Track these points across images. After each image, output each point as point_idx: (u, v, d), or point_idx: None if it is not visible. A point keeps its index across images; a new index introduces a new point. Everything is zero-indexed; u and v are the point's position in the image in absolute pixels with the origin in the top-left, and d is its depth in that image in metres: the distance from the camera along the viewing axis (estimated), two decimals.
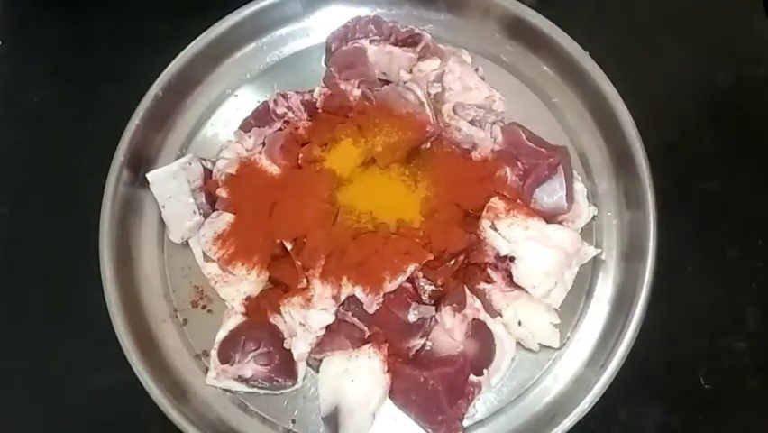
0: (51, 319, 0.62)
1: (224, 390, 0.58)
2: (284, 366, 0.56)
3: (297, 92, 0.63)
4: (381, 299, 0.54)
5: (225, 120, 0.65)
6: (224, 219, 0.58)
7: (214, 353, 0.57)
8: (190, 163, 0.61)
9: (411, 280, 0.56)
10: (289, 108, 0.62)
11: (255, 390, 0.57)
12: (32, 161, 0.67)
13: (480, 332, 0.56)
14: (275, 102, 0.62)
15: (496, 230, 0.57)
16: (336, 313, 0.55)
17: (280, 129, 0.62)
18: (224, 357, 0.56)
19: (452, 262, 0.57)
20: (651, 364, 0.59)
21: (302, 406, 0.58)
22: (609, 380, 0.54)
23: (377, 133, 0.58)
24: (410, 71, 0.62)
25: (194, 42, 0.63)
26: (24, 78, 0.70)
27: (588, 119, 0.63)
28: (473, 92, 0.62)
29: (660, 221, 0.57)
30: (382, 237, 0.56)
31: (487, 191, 0.58)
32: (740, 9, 0.70)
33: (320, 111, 0.62)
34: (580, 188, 0.61)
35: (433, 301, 0.57)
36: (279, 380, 0.56)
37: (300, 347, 0.55)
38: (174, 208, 0.60)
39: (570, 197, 0.59)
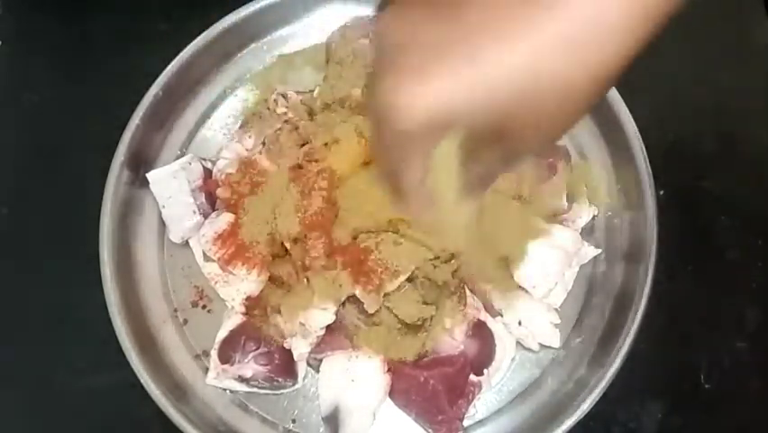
0: (51, 319, 0.62)
1: (224, 390, 0.58)
2: (284, 366, 0.56)
3: (297, 92, 0.63)
4: (381, 299, 0.54)
5: (225, 120, 0.66)
6: (224, 219, 0.58)
7: (214, 353, 0.57)
8: (190, 163, 0.61)
9: (411, 279, 0.56)
10: (289, 108, 0.62)
11: (255, 390, 0.57)
12: (32, 161, 0.67)
13: (479, 332, 0.56)
14: (275, 102, 0.62)
15: None
16: (336, 313, 0.55)
17: (280, 129, 0.62)
18: (225, 357, 0.56)
19: (453, 261, 0.57)
20: (651, 364, 0.59)
21: (302, 406, 0.58)
22: (609, 380, 0.54)
23: None
24: None
25: (194, 42, 0.62)
26: (24, 78, 0.70)
27: (588, 119, 0.63)
28: None
29: (660, 221, 0.57)
30: (382, 237, 0.56)
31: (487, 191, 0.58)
32: (740, 9, 0.70)
33: (320, 111, 0.62)
34: (580, 188, 0.61)
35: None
36: (279, 380, 0.56)
37: (300, 347, 0.55)
38: (174, 208, 0.60)
39: (570, 197, 0.59)
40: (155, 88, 0.61)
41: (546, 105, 0.28)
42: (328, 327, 0.55)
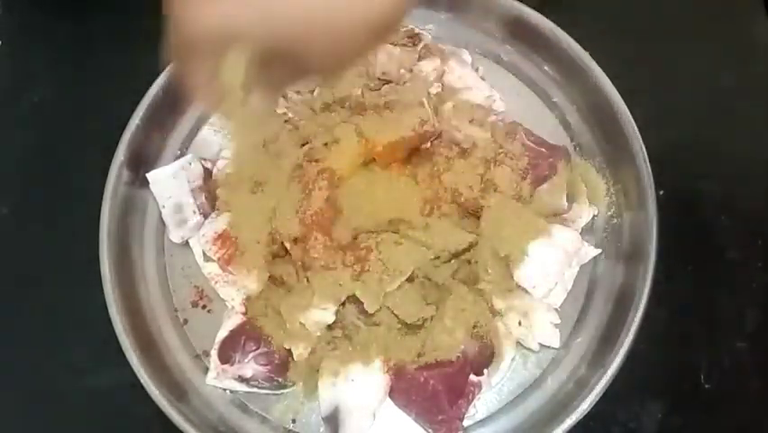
0: (51, 319, 0.62)
1: (224, 390, 0.58)
2: (284, 366, 0.56)
3: (297, 92, 0.63)
4: (381, 299, 0.54)
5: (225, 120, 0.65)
6: (224, 219, 0.58)
7: (214, 353, 0.57)
8: (190, 163, 0.61)
9: (411, 279, 0.56)
10: (289, 108, 0.62)
11: (255, 390, 0.57)
12: (32, 161, 0.67)
13: (479, 332, 0.56)
14: (275, 102, 0.62)
15: None
16: (336, 313, 0.55)
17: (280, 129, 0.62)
18: (225, 357, 0.56)
19: (453, 261, 0.57)
20: (651, 364, 0.59)
21: (302, 406, 0.58)
22: (609, 380, 0.54)
23: (377, 133, 0.58)
24: (410, 71, 0.62)
25: None
26: (24, 78, 0.70)
27: (588, 119, 0.63)
28: (473, 92, 0.63)
29: (660, 221, 0.57)
30: (382, 237, 0.56)
31: (487, 191, 0.58)
32: (740, 9, 0.70)
33: (320, 111, 0.62)
34: (580, 188, 0.61)
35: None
36: (279, 380, 0.56)
37: (300, 347, 0.55)
38: (174, 208, 0.60)
39: (570, 197, 0.59)
40: (155, 88, 0.61)
41: (321, 35, 0.33)
42: (328, 326, 0.55)
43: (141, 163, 0.62)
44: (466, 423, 0.56)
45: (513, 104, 0.64)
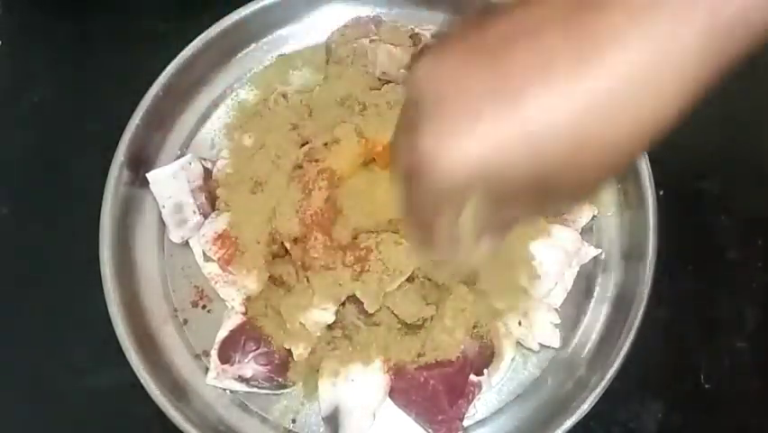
0: (51, 319, 0.62)
1: (224, 390, 0.58)
2: (284, 366, 0.56)
3: (297, 92, 0.63)
4: (381, 299, 0.54)
5: (225, 120, 0.65)
6: (224, 219, 0.58)
7: (214, 353, 0.57)
8: (190, 163, 0.61)
9: (411, 279, 0.56)
10: (289, 108, 0.62)
11: (255, 390, 0.57)
12: (32, 161, 0.67)
13: (480, 332, 0.56)
14: (275, 102, 0.62)
15: None
16: (336, 313, 0.55)
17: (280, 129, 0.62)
18: (225, 357, 0.56)
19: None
20: (651, 364, 0.59)
21: (302, 406, 0.58)
22: (609, 380, 0.54)
23: (377, 133, 0.58)
24: None
25: (194, 42, 0.62)
26: (24, 78, 0.70)
27: None
28: None
29: (660, 221, 0.57)
30: (382, 237, 0.56)
31: None
32: None
33: (320, 111, 0.62)
34: None
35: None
36: (279, 380, 0.56)
37: (300, 347, 0.55)
38: (174, 208, 0.60)
39: None
40: (155, 88, 0.61)
41: (592, 156, 0.27)
42: (328, 326, 0.55)
43: (141, 163, 0.62)
44: (466, 423, 0.56)
45: None
